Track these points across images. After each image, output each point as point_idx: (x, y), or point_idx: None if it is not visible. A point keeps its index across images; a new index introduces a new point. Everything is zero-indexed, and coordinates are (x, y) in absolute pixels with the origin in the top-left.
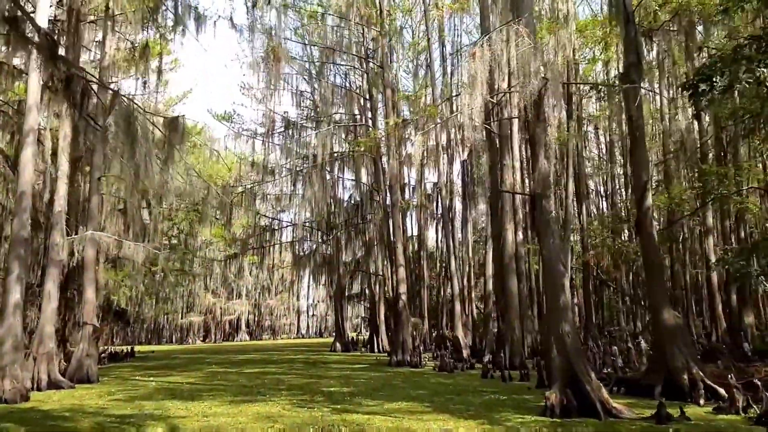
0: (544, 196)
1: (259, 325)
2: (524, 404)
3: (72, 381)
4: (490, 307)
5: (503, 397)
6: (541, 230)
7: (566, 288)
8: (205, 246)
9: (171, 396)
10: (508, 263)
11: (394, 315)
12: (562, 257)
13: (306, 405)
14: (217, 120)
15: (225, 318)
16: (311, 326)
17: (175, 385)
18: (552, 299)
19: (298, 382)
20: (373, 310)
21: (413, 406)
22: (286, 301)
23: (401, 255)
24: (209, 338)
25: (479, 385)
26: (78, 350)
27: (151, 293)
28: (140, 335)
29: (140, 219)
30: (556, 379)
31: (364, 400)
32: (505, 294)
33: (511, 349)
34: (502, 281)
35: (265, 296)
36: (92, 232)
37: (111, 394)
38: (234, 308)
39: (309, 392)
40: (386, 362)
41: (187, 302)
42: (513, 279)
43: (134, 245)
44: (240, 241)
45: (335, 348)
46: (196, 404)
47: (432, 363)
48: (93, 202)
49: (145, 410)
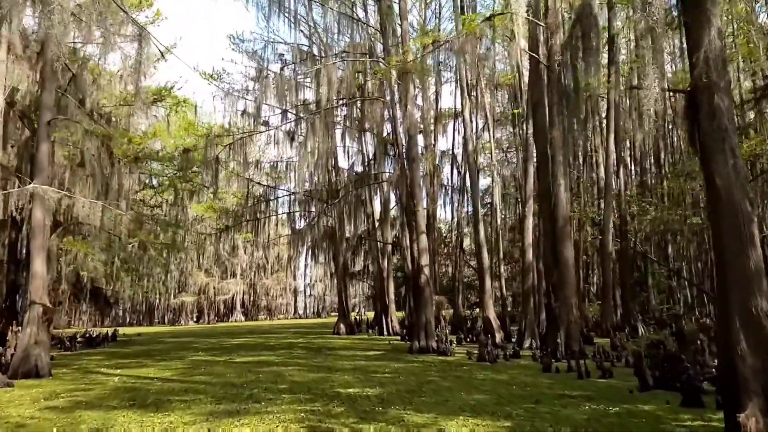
0: (716, 88)
1: (254, 306)
2: (665, 424)
3: (15, 375)
4: (529, 283)
5: (613, 407)
6: (711, 143)
7: (756, 240)
8: (197, 222)
9: (130, 402)
10: (562, 227)
11: (414, 292)
12: (748, 190)
13: (323, 421)
14: (204, 78)
15: (219, 298)
16: (309, 306)
17: (144, 382)
18: (733, 258)
19: (303, 379)
20: (381, 288)
21: (489, 426)
22: (283, 281)
23: (422, 219)
24: (203, 319)
25: (553, 385)
26: (24, 336)
27: (129, 269)
28: (131, 317)
29: (101, 172)
30: (748, 390)
31: (405, 412)
32: (559, 265)
33: (567, 333)
34: (553, 249)
35: (260, 275)
36: (34, 186)
37: (53, 396)
38: (228, 288)
39: (321, 396)
40: (404, 348)
41: (179, 282)
42: (569, 247)
43: (90, 203)
44: (232, 214)
45: (339, 330)
46: (158, 418)
47: (459, 349)
48: (42, 151)
49: (79, 428)
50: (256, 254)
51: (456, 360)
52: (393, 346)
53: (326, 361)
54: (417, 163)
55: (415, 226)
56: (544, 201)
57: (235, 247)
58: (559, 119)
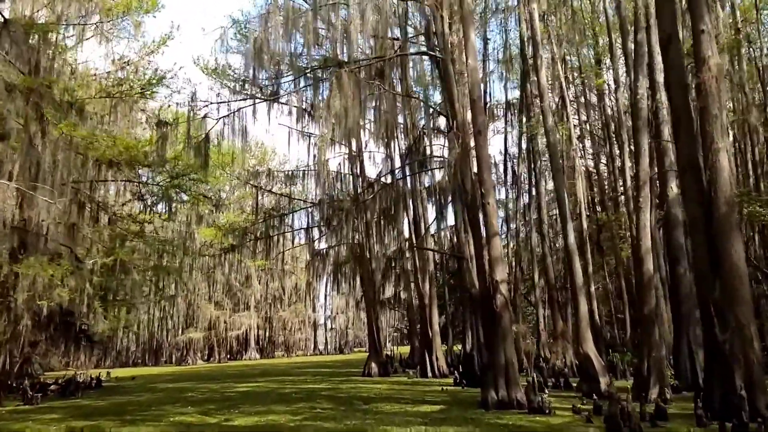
0: None
1: (270, 341)
2: None
3: None
4: (651, 304)
5: None
6: None
7: None
8: (205, 249)
9: None
10: (726, 215)
11: (485, 320)
12: None
13: None
14: (206, 74)
15: (231, 333)
16: (330, 342)
17: None
18: None
19: None
20: (423, 317)
21: None
22: (301, 313)
23: (494, 215)
24: (213, 357)
25: None
26: None
27: (106, 298)
28: (135, 356)
29: (28, 143)
30: None
31: None
32: (722, 272)
33: (748, 380)
34: (711, 249)
35: (276, 307)
36: None
37: None
38: (241, 322)
39: None
40: (468, 398)
41: (187, 315)
42: (737, 245)
43: None
44: (239, 231)
45: (370, 371)
46: None
47: (546, 399)
48: None
49: None
50: (271, 284)
51: (564, 424)
52: (452, 396)
53: (364, 425)
54: (485, 136)
55: (485, 226)
56: (690, 177)
57: (248, 276)
58: None
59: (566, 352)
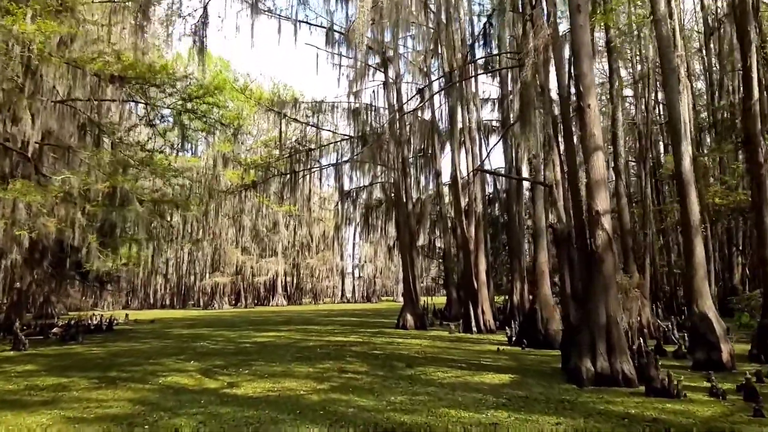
0: None
1: (297, 288)
2: None
3: None
4: None
5: None
6: None
7: None
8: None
9: None
10: None
11: (582, 264)
12: None
13: None
14: None
15: (258, 279)
16: (357, 290)
17: None
18: None
19: None
20: (467, 262)
21: None
22: (329, 261)
23: (596, 122)
24: (240, 302)
25: None
26: None
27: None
28: (163, 299)
29: None
30: None
31: None
32: None
33: None
34: None
35: (304, 254)
36: None
37: None
38: (268, 267)
39: None
40: (543, 366)
41: (213, 260)
42: None
43: None
44: (262, 167)
45: (405, 323)
46: None
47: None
48: None
49: None
50: (299, 231)
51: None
52: (515, 360)
53: (416, 404)
54: (585, 14)
55: (583, 135)
56: None
57: (275, 222)
58: None
59: (642, 309)
